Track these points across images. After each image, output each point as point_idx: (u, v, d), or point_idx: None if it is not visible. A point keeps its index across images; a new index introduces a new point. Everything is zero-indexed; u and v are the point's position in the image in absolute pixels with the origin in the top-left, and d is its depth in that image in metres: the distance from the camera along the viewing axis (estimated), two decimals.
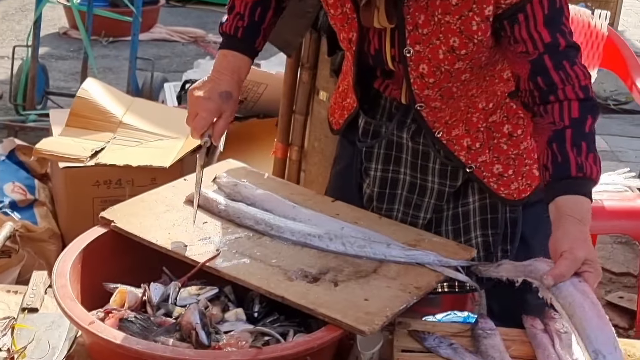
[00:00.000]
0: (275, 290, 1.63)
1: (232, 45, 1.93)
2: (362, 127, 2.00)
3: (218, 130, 1.87)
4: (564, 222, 1.58)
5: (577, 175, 1.60)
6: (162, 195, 1.97)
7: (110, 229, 1.83)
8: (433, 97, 1.80)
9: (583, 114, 1.64)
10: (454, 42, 1.68)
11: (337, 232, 1.82)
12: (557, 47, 1.65)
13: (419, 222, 1.99)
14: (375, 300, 1.61)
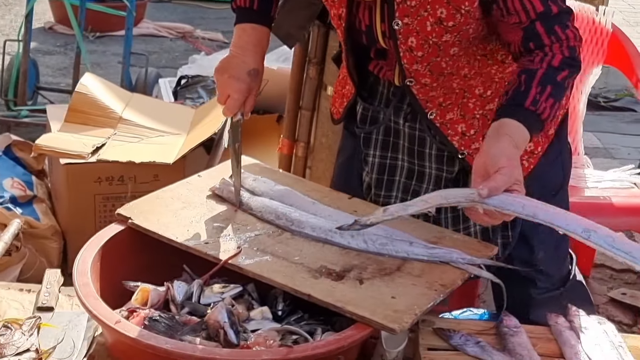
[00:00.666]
0: (301, 288, 1.61)
1: (250, 18, 1.92)
2: (360, 114, 2.00)
3: (248, 107, 1.91)
4: (502, 141, 1.62)
5: (528, 108, 1.64)
6: (178, 192, 1.94)
7: (127, 226, 1.80)
8: (422, 72, 1.79)
9: (561, 66, 1.67)
10: (441, 14, 1.68)
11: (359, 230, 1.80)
12: (549, 14, 1.67)
13: None
14: (402, 298, 1.60)
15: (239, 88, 1.87)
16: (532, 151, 1.87)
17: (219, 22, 6.95)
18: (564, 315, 1.78)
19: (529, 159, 1.87)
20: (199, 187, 1.97)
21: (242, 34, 1.92)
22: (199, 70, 3.99)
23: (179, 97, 3.72)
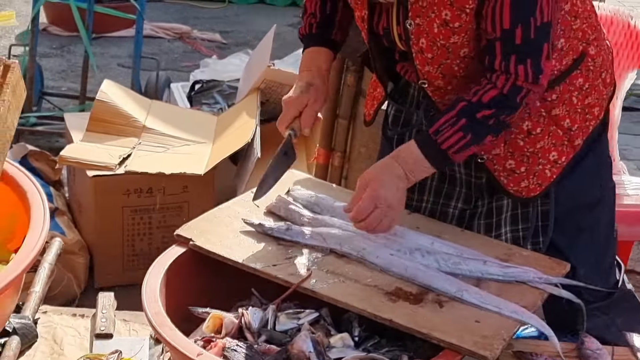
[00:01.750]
0: (381, 313, 1.54)
1: (309, 42, 1.96)
2: (392, 115, 2.01)
3: (304, 120, 1.88)
4: (385, 161, 1.74)
5: (430, 135, 1.69)
6: (235, 211, 1.87)
7: (188, 248, 1.73)
8: (434, 74, 1.77)
9: (489, 104, 1.66)
10: (446, 15, 1.66)
11: (429, 248, 1.74)
12: (512, 39, 1.63)
13: (450, 211, 1.96)
14: (486, 322, 1.54)
15: (289, 101, 1.88)
16: (556, 160, 1.84)
17: (213, 21, 6.86)
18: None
19: (552, 168, 1.84)
20: (254, 205, 1.90)
21: (303, 58, 1.97)
22: (212, 74, 3.91)
23: (194, 102, 3.63)
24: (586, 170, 1.90)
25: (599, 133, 1.91)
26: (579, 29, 1.81)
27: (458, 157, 1.71)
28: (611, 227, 2.00)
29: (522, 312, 1.56)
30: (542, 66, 1.66)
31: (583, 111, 1.85)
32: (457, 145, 1.67)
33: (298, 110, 1.87)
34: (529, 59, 1.65)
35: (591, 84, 1.85)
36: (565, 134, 1.83)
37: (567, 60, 1.81)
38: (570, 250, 1.90)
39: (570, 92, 1.82)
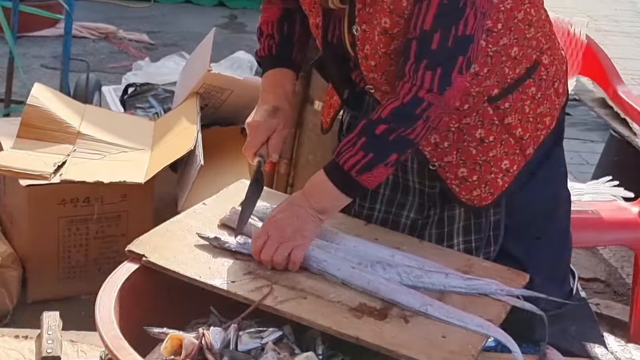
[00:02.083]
0: (347, 331, 1.50)
1: (270, 64, 1.91)
2: (347, 122, 1.98)
3: (272, 145, 1.82)
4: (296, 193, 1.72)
5: (334, 158, 1.66)
6: (187, 224, 1.80)
7: (141, 265, 1.65)
8: (379, 81, 1.75)
9: (387, 118, 1.63)
10: (385, 23, 1.64)
11: (390, 261, 1.71)
12: (429, 43, 1.60)
13: (402, 220, 1.94)
14: (453, 336, 1.52)
15: (256, 126, 1.82)
16: (508, 169, 1.83)
17: (139, 21, 6.70)
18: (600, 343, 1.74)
19: (504, 177, 1.83)
20: (207, 217, 1.84)
21: (264, 81, 1.92)
22: (146, 77, 3.79)
23: (127, 107, 3.52)
24: (541, 180, 1.89)
25: (553, 142, 1.91)
26: (533, 37, 1.81)
27: (365, 180, 1.64)
28: (566, 235, 2.01)
29: (488, 327, 1.54)
30: (452, 78, 1.62)
31: (535, 120, 1.85)
32: (359, 165, 1.62)
33: (266, 136, 1.81)
34: (440, 67, 1.61)
35: (543, 93, 1.85)
36: (517, 142, 1.83)
37: (520, 69, 1.80)
38: (527, 260, 1.90)
39: (522, 101, 1.82)
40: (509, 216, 1.89)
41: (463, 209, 1.88)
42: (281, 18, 1.91)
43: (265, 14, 1.94)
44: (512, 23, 1.75)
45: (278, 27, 1.90)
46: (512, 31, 1.75)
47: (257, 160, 1.80)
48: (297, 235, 1.64)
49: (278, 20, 1.91)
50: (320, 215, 1.68)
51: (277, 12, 1.93)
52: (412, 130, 1.63)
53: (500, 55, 1.76)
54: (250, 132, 1.82)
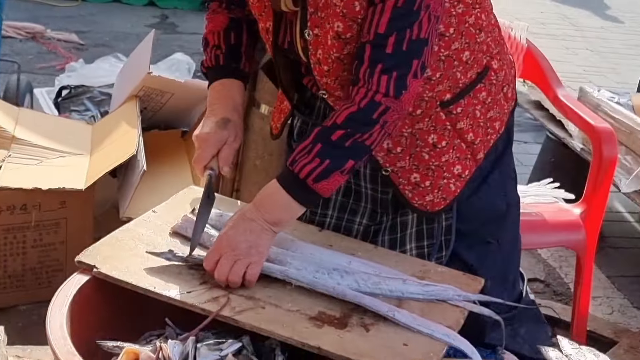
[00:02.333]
0: (308, 340, 1.48)
1: (217, 75, 1.86)
2: (298, 128, 1.95)
3: (223, 158, 1.77)
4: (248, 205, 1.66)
5: (288, 166, 1.62)
6: (138, 233, 1.75)
7: (92, 276, 1.60)
8: (333, 86, 1.73)
9: (343, 124, 1.60)
10: (338, 27, 1.62)
11: (347, 268, 1.69)
12: (383, 46, 1.58)
13: (354, 227, 1.93)
14: (414, 344, 1.51)
15: (205, 139, 1.76)
16: (460, 174, 1.83)
17: (67, 21, 6.52)
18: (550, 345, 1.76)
19: (456, 182, 1.83)
20: (158, 225, 1.79)
21: (212, 92, 1.86)
22: (80, 79, 3.68)
23: (62, 109, 3.41)
24: (492, 185, 1.91)
25: (503, 147, 1.92)
26: (484, 42, 1.81)
27: (321, 188, 1.61)
28: (516, 239, 2.03)
29: (454, 336, 1.54)
30: (407, 82, 1.60)
31: (485, 125, 1.85)
32: (315, 173, 1.59)
33: (217, 148, 1.76)
34: (396, 71, 1.59)
35: (493, 98, 1.86)
36: (468, 147, 1.83)
37: (471, 73, 1.80)
38: (478, 264, 1.91)
39: (474, 106, 1.82)
40: (461, 221, 1.89)
41: (415, 214, 1.87)
42: (227, 28, 1.87)
43: (211, 24, 1.90)
44: (463, 27, 1.75)
45: (224, 37, 1.86)
46: (464, 36, 1.76)
47: (207, 173, 1.74)
48: (252, 252, 1.60)
49: (224, 30, 1.87)
50: (274, 228, 1.63)
51: (223, 21, 1.88)
52: (368, 136, 1.61)
53: (452, 60, 1.76)
54: (199, 145, 1.76)
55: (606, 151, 2.53)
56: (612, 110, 3.16)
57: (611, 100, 3.28)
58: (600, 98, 3.27)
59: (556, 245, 3.02)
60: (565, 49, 6.91)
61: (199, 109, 3.11)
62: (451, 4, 1.71)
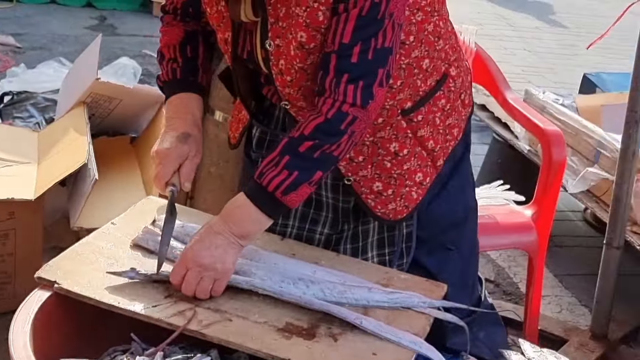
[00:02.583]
0: (278, 353, 1.47)
1: (174, 89, 1.84)
2: (257, 137, 1.93)
3: (185, 174, 1.75)
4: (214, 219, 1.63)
5: (255, 179, 1.61)
6: (97, 246, 1.72)
7: (54, 292, 1.56)
8: (295, 96, 1.72)
9: (311, 135, 1.60)
10: (302, 37, 1.62)
11: (312, 277, 1.69)
12: (348, 56, 1.58)
13: (316, 236, 1.92)
14: (382, 353, 1.52)
15: (166, 155, 1.73)
16: (421, 182, 1.85)
17: (3, 23, 6.35)
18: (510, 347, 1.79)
19: (418, 189, 1.85)
20: (118, 238, 1.76)
21: (169, 107, 1.83)
22: (23, 85, 3.58)
23: (4, 116, 3.31)
24: (451, 191, 1.92)
25: (461, 153, 1.94)
26: (442, 49, 1.83)
27: (289, 200, 1.61)
28: (474, 244, 2.05)
29: (421, 343, 1.55)
30: (374, 91, 1.61)
31: (444, 132, 1.87)
32: (283, 185, 1.58)
33: (177, 164, 1.74)
34: (362, 81, 1.59)
35: (452, 104, 1.88)
36: (429, 155, 1.85)
37: (431, 81, 1.82)
38: (439, 270, 1.92)
39: (433, 113, 1.84)
40: (421, 228, 1.90)
41: (377, 222, 1.88)
42: (183, 41, 1.85)
43: (166, 37, 1.87)
44: (422, 35, 1.76)
45: (181, 51, 1.84)
46: (423, 43, 1.77)
47: (169, 189, 1.70)
48: (218, 267, 1.58)
49: (180, 43, 1.85)
50: (241, 241, 1.62)
51: (178, 35, 1.86)
52: (336, 147, 1.61)
53: (413, 68, 1.77)
54: (160, 161, 1.73)
55: (555, 154, 2.57)
56: (557, 112, 3.23)
57: (556, 102, 3.35)
58: (546, 100, 3.34)
59: (509, 247, 3.07)
60: (503, 50, 7.02)
61: (147, 115, 3.08)
62: (411, 11, 1.71)
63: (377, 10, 1.57)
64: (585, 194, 3.09)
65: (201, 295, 1.58)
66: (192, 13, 1.85)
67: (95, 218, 2.48)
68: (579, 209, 3.91)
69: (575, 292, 3.26)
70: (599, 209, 3.01)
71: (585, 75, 3.94)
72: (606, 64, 7.09)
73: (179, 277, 1.58)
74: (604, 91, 3.67)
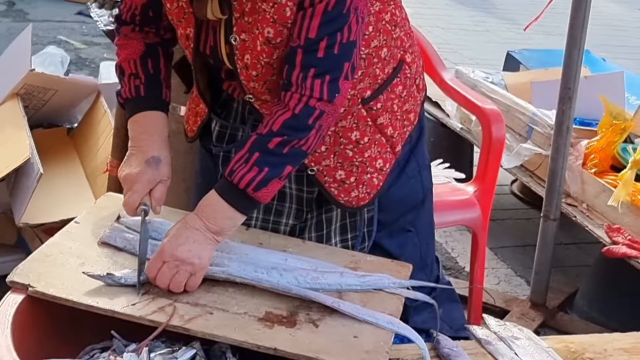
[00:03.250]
0: (263, 343, 1.49)
1: (139, 107, 1.79)
2: (217, 132, 1.93)
3: (157, 198, 1.72)
4: (188, 215, 1.65)
5: (226, 177, 1.63)
6: (65, 246, 1.70)
7: (27, 295, 1.53)
8: (260, 90, 1.74)
9: (280, 131, 1.62)
10: (269, 33, 1.64)
11: (285, 265, 1.71)
12: (315, 51, 1.61)
13: (281, 228, 1.95)
14: (364, 336, 1.56)
15: (139, 180, 1.70)
16: (381, 168, 1.89)
17: None
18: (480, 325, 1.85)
19: (378, 176, 1.89)
20: (85, 237, 1.74)
21: (134, 126, 1.78)
22: None
23: None
24: (410, 175, 1.97)
25: (417, 137, 1.99)
26: (398, 37, 1.86)
27: (261, 196, 1.63)
28: (431, 224, 2.10)
29: (398, 323, 1.59)
30: (340, 85, 1.64)
31: (402, 117, 1.91)
32: (254, 182, 1.60)
33: (149, 188, 1.71)
34: (328, 75, 1.62)
35: (408, 90, 1.92)
36: (388, 141, 1.88)
37: (388, 69, 1.85)
38: (400, 252, 1.97)
39: (391, 100, 1.87)
40: (381, 212, 1.94)
41: (339, 210, 1.91)
42: (144, 55, 1.80)
43: (125, 51, 1.81)
44: (381, 25, 1.79)
45: (142, 66, 1.79)
46: (381, 33, 1.80)
47: (141, 209, 1.67)
48: (195, 261, 1.58)
49: (141, 57, 1.80)
50: (217, 237, 1.63)
51: (138, 48, 1.81)
52: (305, 141, 1.63)
53: (372, 57, 1.80)
54: (130, 187, 1.70)
55: (495, 131, 2.65)
56: (489, 90, 3.32)
57: (486, 80, 3.44)
58: (477, 79, 3.42)
59: (454, 225, 3.15)
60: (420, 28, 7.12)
61: (83, 106, 3.02)
62: (370, 2, 1.74)
63: (342, 5, 1.59)
64: (519, 169, 3.20)
65: (175, 288, 1.58)
66: (152, 17, 1.79)
67: (42, 214, 2.43)
68: (506, 182, 4.05)
69: (511, 264, 3.39)
70: (534, 183, 3.12)
71: (508, 52, 4.06)
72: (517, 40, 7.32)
73: (154, 269, 1.58)
74: (527, 68, 3.79)
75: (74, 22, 6.19)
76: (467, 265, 3.24)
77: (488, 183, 2.71)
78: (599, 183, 2.85)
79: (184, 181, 2.37)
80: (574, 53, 2.64)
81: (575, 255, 3.50)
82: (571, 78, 2.65)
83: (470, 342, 1.80)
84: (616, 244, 2.66)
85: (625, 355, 1.83)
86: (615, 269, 2.82)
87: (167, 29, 1.81)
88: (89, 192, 2.64)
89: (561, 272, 3.25)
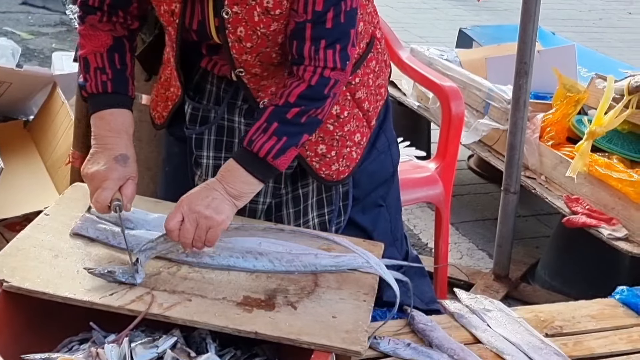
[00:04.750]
0: (244, 327, 1.51)
1: (106, 104, 1.76)
2: (190, 114, 1.92)
3: (128, 195, 1.71)
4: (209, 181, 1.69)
5: (245, 147, 1.67)
6: (38, 239, 1.68)
7: (2, 290, 1.52)
8: (252, 63, 1.75)
9: (297, 102, 1.67)
10: (268, 3, 1.65)
11: (259, 249, 1.72)
12: (323, 23, 1.65)
13: (259, 207, 1.95)
14: (342, 316, 1.58)
15: (108, 178, 1.69)
16: (359, 142, 1.92)
17: None
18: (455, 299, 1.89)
19: (357, 149, 1.92)
20: (55, 229, 1.73)
21: (100, 123, 1.75)
22: None
23: None
24: (380, 150, 2.00)
25: (385, 112, 2.01)
26: (370, 12, 1.89)
27: (280, 163, 1.68)
28: (399, 199, 2.13)
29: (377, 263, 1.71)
30: (349, 52, 1.69)
31: (375, 92, 1.94)
32: (274, 150, 1.65)
33: (118, 186, 1.69)
34: (338, 44, 1.67)
35: (379, 65, 1.95)
36: (364, 115, 1.91)
37: (363, 44, 1.88)
38: (373, 227, 2.01)
39: (367, 75, 1.90)
40: (355, 187, 1.97)
41: (315, 184, 1.92)
42: (111, 49, 1.77)
43: (90, 43, 1.77)
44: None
45: (109, 60, 1.77)
46: (359, 7, 1.80)
47: (114, 205, 1.66)
48: (214, 215, 1.61)
49: (108, 51, 1.77)
50: (235, 201, 1.66)
51: (105, 42, 1.77)
52: (321, 110, 1.69)
53: None
54: (99, 184, 1.68)
55: (454, 108, 2.69)
56: (445, 67, 3.35)
57: (441, 57, 3.47)
58: (432, 56, 3.45)
59: (418, 202, 3.18)
60: None
61: (38, 98, 2.97)
62: None
63: None
64: (477, 144, 3.25)
65: (197, 242, 1.61)
66: (119, 3, 1.76)
67: (5, 207, 2.40)
68: (463, 158, 4.10)
69: (472, 238, 3.44)
70: (492, 158, 3.17)
71: (461, 29, 4.10)
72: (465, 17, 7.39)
73: (175, 222, 1.60)
74: (480, 44, 3.83)
75: (19, 12, 6.07)
76: (430, 241, 3.28)
77: (449, 159, 2.74)
78: (556, 155, 2.91)
79: (149, 169, 2.35)
80: (529, 27, 2.67)
81: (534, 226, 3.57)
82: (527, 53, 2.69)
83: (443, 317, 1.84)
84: (576, 214, 2.73)
85: (593, 321, 1.88)
86: (574, 238, 2.89)
87: (135, 16, 1.79)
88: (50, 184, 2.61)
89: (521, 244, 3.31)
